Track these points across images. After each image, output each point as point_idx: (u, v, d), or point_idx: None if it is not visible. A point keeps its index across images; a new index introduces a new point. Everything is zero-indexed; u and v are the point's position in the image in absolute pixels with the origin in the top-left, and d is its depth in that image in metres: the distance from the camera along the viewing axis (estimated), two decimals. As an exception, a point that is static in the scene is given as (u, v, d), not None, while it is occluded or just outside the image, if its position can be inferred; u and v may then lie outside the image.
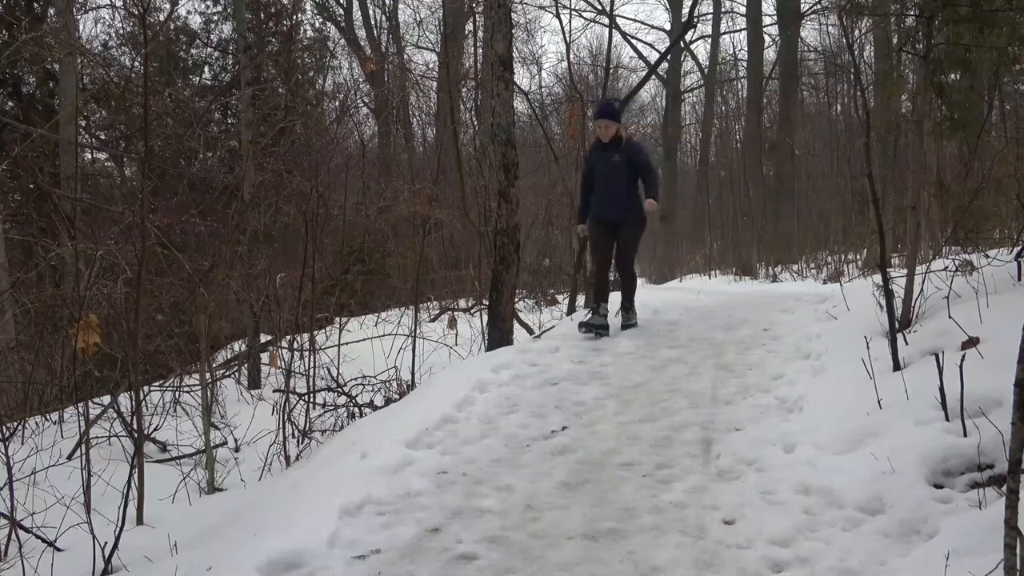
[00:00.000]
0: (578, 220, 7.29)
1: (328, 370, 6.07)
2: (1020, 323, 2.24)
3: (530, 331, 8.60)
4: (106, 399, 5.33)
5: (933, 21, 5.48)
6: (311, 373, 5.78)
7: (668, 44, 25.74)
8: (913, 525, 2.99)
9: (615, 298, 7.49)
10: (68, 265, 6.69)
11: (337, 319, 8.94)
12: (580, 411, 5.11)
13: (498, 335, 7.72)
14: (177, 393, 6.11)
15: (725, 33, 28.73)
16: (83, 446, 4.14)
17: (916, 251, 5.83)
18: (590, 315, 6.94)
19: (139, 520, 3.85)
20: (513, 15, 10.95)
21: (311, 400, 5.55)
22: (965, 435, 3.39)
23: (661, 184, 8.27)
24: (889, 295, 4.88)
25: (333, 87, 20.21)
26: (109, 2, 13.75)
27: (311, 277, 6.64)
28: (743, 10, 25.73)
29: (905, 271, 5.62)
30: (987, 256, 5.71)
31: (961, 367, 3.46)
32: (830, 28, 24.77)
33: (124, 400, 5.23)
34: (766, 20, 24.26)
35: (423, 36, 24.08)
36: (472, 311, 10.86)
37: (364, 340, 7.86)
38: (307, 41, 18.33)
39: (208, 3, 16.89)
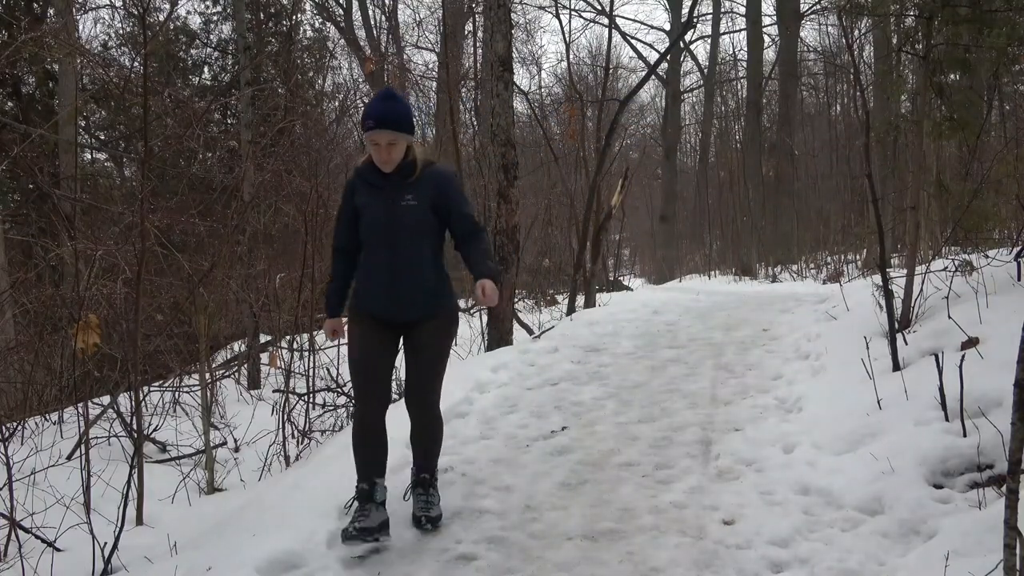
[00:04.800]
0: (327, 312, 3.66)
1: (328, 370, 6.06)
2: (1020, 323, 2.24)
3: (529, 331, 8.61)
4: (106, 399, 5.33)
5: (933, 21, 5.48)
6: (311, 373, 5.78)
7: (668, 44, 25.75)
8: (912, 525, 2.99)
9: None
10: (68, 265, 6.69)
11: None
12: (579, 411, 5.11)
13: (497, 335, 7.73)
14: (177, 393, 6.10)
15: (725, 33, 28.78)
16: (83, 446, 4.13)
17: (916, 251, 5.83)
18: (356, 506, 3.27)
19: (139, 520, 3.85)
20: (513, 15, 10.96)
21: (311, 400, 5.55)
22: (965, 435, 3.39)
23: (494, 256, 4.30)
24: (889, 295, 4.88)
25: (333, 87, 20.21)
26: (109, 2, 13.76)
27: (311, 277, 6.64)
28: (743, 10, 25.78)
29: (905, 271, 5.63)
30: (987, 256, 5.71)
31: (961, 367, 3.46)
32: (830, 28, 24.85)
33: (124, 400, 5.23)
34: (766, 20, 24.31)
35: (423, 36, 24.09)
36: (472, 311, 10.85)
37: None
38: (307, 41, 18.34)
39: (208, 3, 16.90)
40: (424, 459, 3.51)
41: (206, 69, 17.35)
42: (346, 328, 3.55)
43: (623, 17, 46.94)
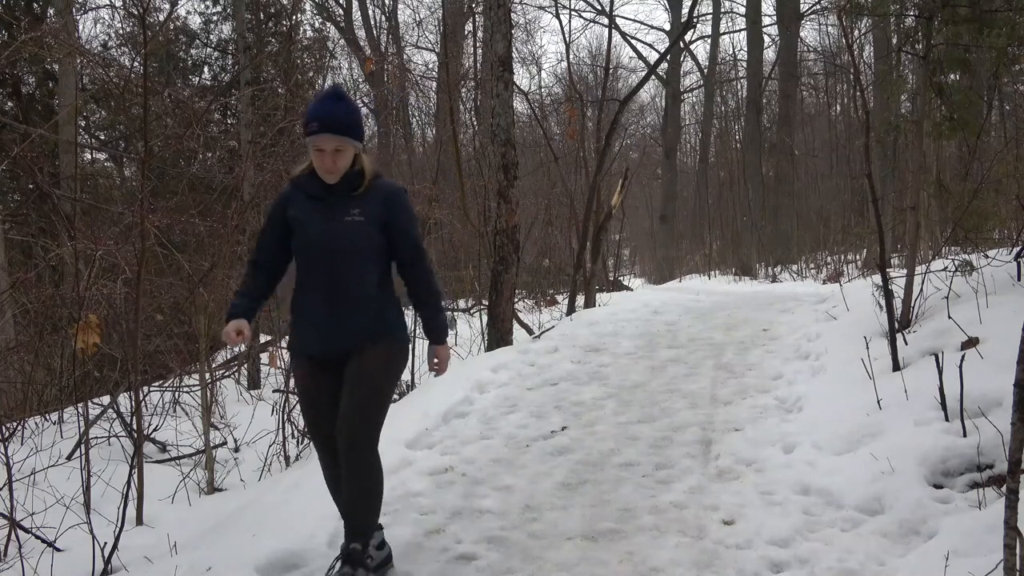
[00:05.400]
0: (228, 314, 2.99)
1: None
2: (1020, 323, 2.24)
3: (529, 331, 8.61)
4: (106, 399, 5.33)
5: (933, 21, 5.49)
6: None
7: (668, 44, 25.73)
8: (912, 525, 3.00)
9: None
10: (68, 265, 6.68)
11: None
12: (579, 411, 5.12)
13: (497, 335, 7.73)
14: (177, 393, 6.10)
15: (725, 33, 28.76)
16: (83, 446, 4.13)
17: (916, 251, 5.84)
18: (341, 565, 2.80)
19: (139, 520, 3.85)
20: (513, 15, 10.97)
21: (311, 400, 5.53)
22: (965, 435, 3.39)
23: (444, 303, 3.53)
24: (889, 295, 4.89)
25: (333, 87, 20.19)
26: (109, 2, 13.76)
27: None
28: (743, 10, 25.78)
29: (905, 271, 5.63)
30: (987, 256, 5.71)
31: (961, 367, 3.47)
32: (830, 28, 24.85)
33: (124, 400, 5.23)
34: (766, 20, 24.31)
35: (423, 36, 24.12)
36: (472, 311, 10.86)
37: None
38: (307, 41, 18.33)
39: (208, 3, 16.89)
40: (352, 520, 2.83)
41: (206, 69, 17.35)
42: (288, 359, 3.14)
43: (623, 17, 46.99)
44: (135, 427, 4.25)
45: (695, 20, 25.11)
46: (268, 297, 3.14)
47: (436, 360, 3.06)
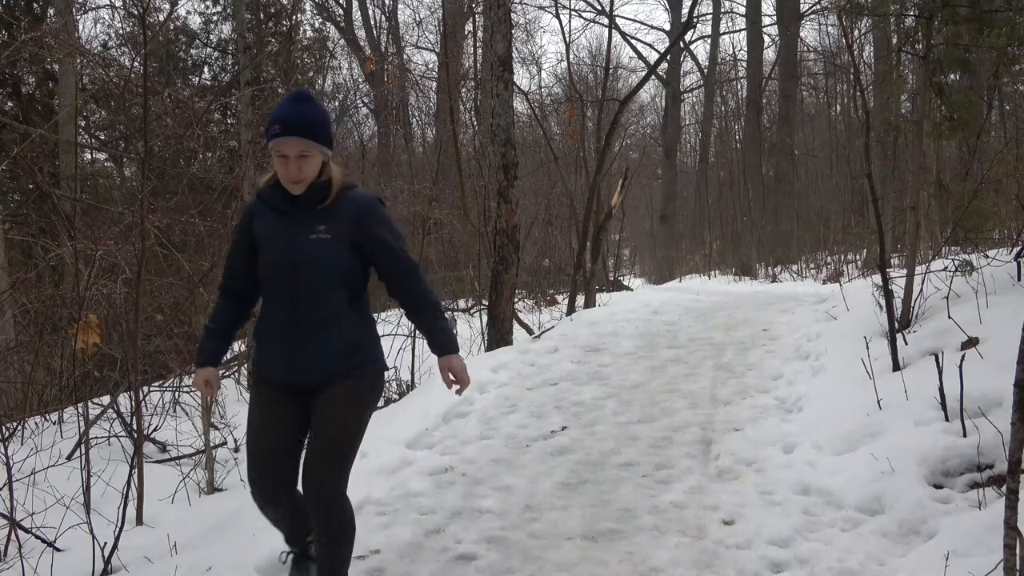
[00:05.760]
0: (197, 360, 2.84)
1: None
2: (1020, 323, 2.24)
3: (529, 331, 8.61)
4: (106, 399, 5.33)
5: (933, 21, 5.49)
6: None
7: (668, 44, 25.72)
8: (912, 525, 3.00)
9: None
10: (68, 265, 6.68)
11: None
12: (579, 411, 5.12)
13: (497, 335, 7.73)
14: (177, 393, 6.09)
15: (725, 33, 28.76)
16: (83, 446, 4.13)
17: (915, 251, 5.84)
18: (291, 560, 2.93)
19: (139, 520, 3.85)
20: (513, 15, 10.97)
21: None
22: (965, 435, 3.39)
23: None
24: (889, 295, 4.89)
25: (333, 87, 20.22)
26: (109, 2, 13.77)
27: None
28: (743, 10, 25.78)
29: (905, 271, 5.63)
30: (987, 256, 5.72)
31: (961, 367, 3.47)
32: (830, 28, 24.85)
33: (124, 400, 5.22)
34: (766, 20, 24.31)
35: (423, 36, 24.13)
36: (472, 311, 10.85)
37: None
38: (307, 41, 18.33)
39: (208, 3, 16.90)
40: (326, 563, 2.62)
41: (206, 69, 17.36)
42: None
43: (623, 17, 47.03)
44: (135, 427, 4.24)
45: (695, 20, 25.13)
46: (242, 325, 2.90)
47: (452, 376, 2.73)
